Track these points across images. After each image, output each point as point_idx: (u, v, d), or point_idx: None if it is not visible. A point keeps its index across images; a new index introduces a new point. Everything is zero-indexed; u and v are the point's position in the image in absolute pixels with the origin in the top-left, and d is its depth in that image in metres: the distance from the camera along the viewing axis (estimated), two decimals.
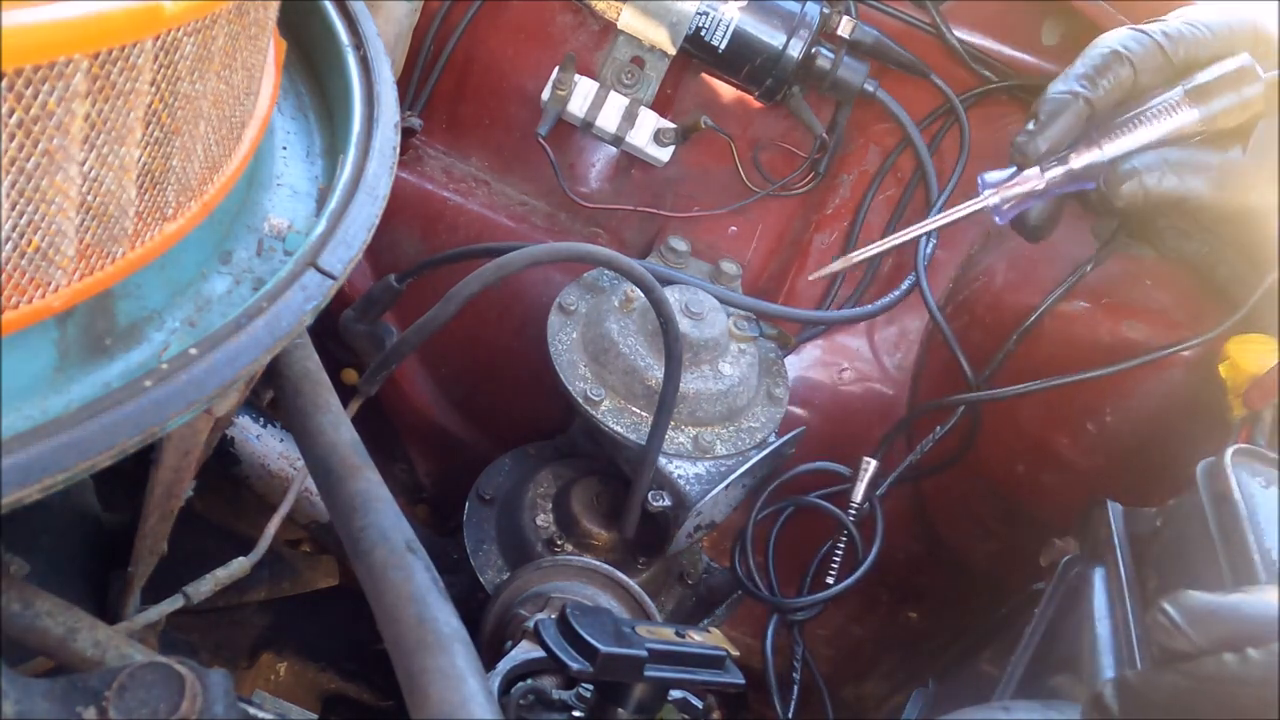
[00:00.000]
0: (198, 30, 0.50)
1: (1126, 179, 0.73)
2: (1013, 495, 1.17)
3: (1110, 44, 0.76)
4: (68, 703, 0.50)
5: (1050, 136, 0.75)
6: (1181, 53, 0.74)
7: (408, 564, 0.58)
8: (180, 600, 0.73)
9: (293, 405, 0.67)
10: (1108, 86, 0.74)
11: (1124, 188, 0.73)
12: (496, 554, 1.02)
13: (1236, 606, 0.50)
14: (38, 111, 0.43)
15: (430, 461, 1.34)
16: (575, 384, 0.98)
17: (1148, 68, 0.74)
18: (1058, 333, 1.11)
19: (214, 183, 0.58)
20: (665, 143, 1.16)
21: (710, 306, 1.00)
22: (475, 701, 0.53)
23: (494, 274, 0.82)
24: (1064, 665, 0.83)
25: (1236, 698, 0.48)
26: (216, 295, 0.60)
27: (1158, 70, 0.74)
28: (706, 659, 0.74)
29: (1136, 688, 0.52)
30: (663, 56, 1.14)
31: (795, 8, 1.10)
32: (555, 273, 1.16)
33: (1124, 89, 0.74)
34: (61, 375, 0.52)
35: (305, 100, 0.75)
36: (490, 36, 1.21)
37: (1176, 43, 0.75)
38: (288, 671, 1.08)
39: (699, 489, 0.96)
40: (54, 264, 0.48)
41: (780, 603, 1.06)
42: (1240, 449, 0.80)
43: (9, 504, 0.44)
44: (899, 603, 1.33)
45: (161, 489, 0.65)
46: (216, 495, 1.07)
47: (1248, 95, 0.71)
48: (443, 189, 1.22)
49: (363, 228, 0.63)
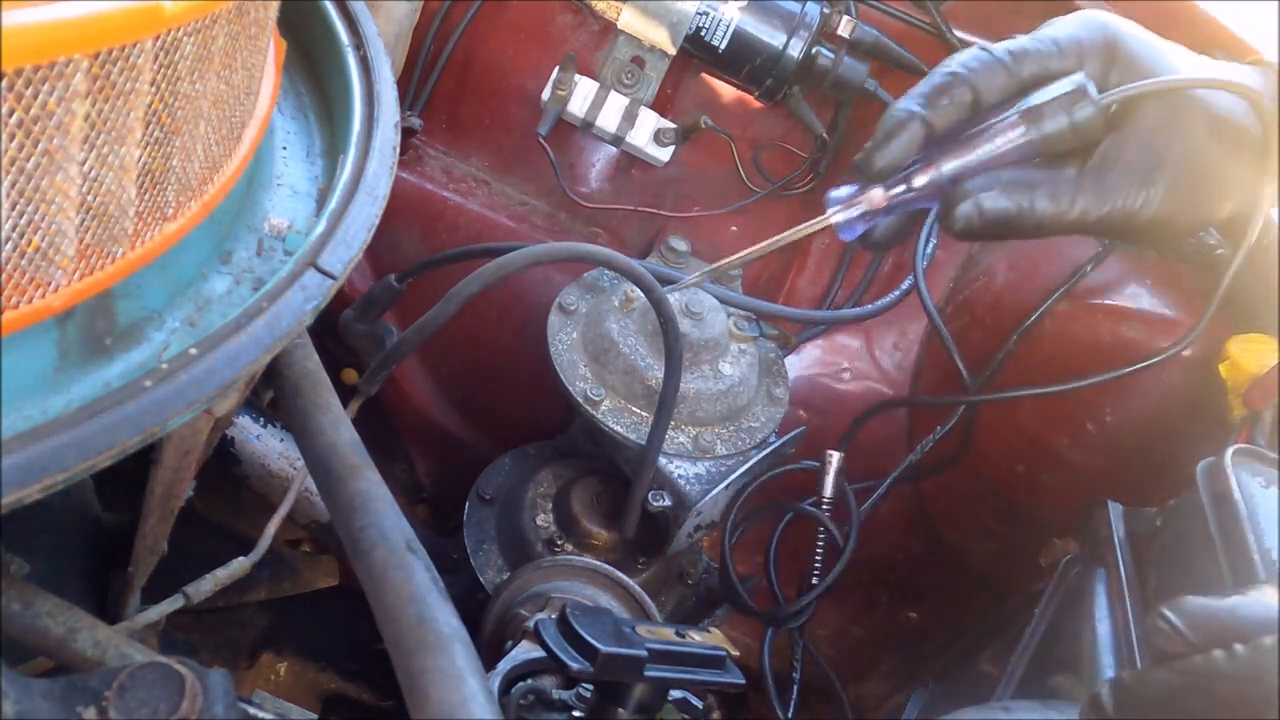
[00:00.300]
0: (198, 30, 0.50)
1: (961, 199, 0.74)
2: (1013, 495, 1.17)
3: (951, 64, 0.75)
4: (68, 703, 0.50)
5: (887, 155, 0.75)
6: (1025, 71, 0.74)
7: (408, 564, 0.58)
8: (180, 600, 0.73)
9: (293, 405, 0.67)
10: (946, 106, 0.74)
11: (958, 210, 0.74)
12: (496, 554, 1.02)
13: (1235, 609, 0.51)
14: (38, 111, 0.43)
15: (430, 461, 1.34)
16: (575, 384, 0.98)
17: (990, 87, 0.74)
18: (1058, 333, 1.11)
19: (214, 183, 0.58)
20: (665, 143, 1.16)
21: (710, 306, 1.00)
22: (475, 701, 0.53)
23: (494, 274, 0.82)
24: (1064, 665, 0.83)
25: (1224, 694, 0.48)
26: (216, 295, 0.60)
27: (1001, 89, 0.74)
28: (706, 659, 0.74)
29: (1131, 687, 0.52)
30: (663, 56, 1.14)
31: (795, 8, 1.10)
32: (555, 273, 1.16)
33: (964, 108, 0.74)
34: (61, 375, 0.52)
35: (305, 100, 0.75)
36: (490, 36, 1.21)
37: (1020, 60, 0.74)
38: (288, 671, 1.08)
39: (699, 489, 0.96)
40: (54, 264, 0.48)
41: (770, 614, 1.05)
42: (1240, 449, 0.80)
43: (9, 504, 0.44)
44: (899, 603, 1.33)
45: (161, 489, 0.65)
46: (216, 495, 1.07)
47: (1079, 118, 0.70)
48: (443, 189, 1.22)
49: (363, 228, 0.63)
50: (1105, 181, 0.72)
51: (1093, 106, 0.70)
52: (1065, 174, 0.72)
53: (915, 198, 0.75)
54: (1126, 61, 0.73)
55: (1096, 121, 0.71)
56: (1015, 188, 0.73)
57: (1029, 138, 0.72)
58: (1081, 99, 0.70)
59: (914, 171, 0.75)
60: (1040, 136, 0.71)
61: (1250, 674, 0.47)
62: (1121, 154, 0.72)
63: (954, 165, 0.74)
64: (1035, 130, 0.71)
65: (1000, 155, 0.73)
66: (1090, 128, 0.71)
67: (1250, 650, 0.48)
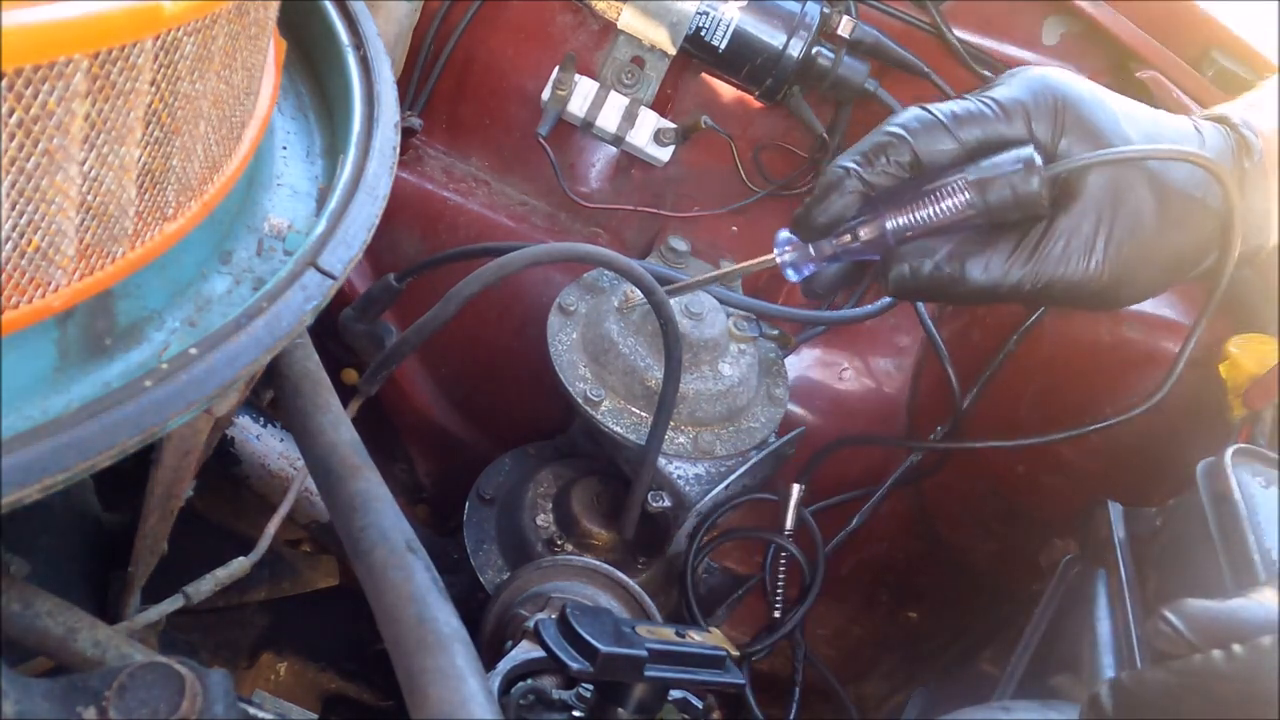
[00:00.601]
0: (198, 30, 0.50)
1: (899, 260, 0.74)
2: (1013, 495, 1.17)
3: (892, 122, 0.75)
4: (68, 703, 0.50)
5: (826, 213, 0.75)
6: (967, 134, 0.73)
7: (408, 564, 0.58)
8: (180, 600, 0.73)
9: (293, 405, 0.67)
10: (885, 165, 0.74)
11: (893, 271, 0.74)
12: (496, 554, 1.02)
13: (1236, 611, 0.51)
14: (38, 111, 0.43)
15: (430, 461, 1.34)
16: (575, 384, 0.98)
17: (931, 149, 0.73)
18: (1058, 333, 1.11)
19: (214, 183, 0.58)
20: (665, 143, 1.16)
21: (710, 307, 1.00)
22: (475, 701, 0.53)
23: (494, 274, 0.82)
24: (1064, 665, 0.83)
25: (1223, 694, 0.48)
26: (216, 295, 0.60)
27: (942, 151, 0.74)
28: (706, 659, 0.74)
29: (1131, 688, 0.52)
30: (663, 56, 1.14)
31: (795, 8, 1.10)
32: (555, 273, 1.16)
33: (903, 168, 0.74)
34: (61, 375, 0.52)
35: (305, 100, 0.75)
36: (490, 36, 1.21)
37: (962, 123, 0.73)
38: (288, 671, 1.08)
39: (699, 489, 0.96)
40: (54, 264, 0.48)
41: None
42: (1240, 449, 0.80)
43: (9, 504, 0.44)
44: (899, 603, 1.33)
45: (161, 489, 0.65)
46: (216, 495, 1.07)
47: (1023, 191, 0.70)
48: (443, 189, 1.22)
49: (363, 228, 0.63)
50: (1047, 254, 0.72)
51: (1038, 179, 0.70)
52: (1002, 246, 0.72)
53: (859, 250, 0.76)
54: (1076, 124, 0.73)
55: (1042, 194, 0.70)
56: (952, 257, 0.73)
57: (974, 206, 0.71)
58: (1029, 172, 0.70)
59: (859, 224, 0.75)
60: (985, 206, 0.71)
61: (1249, 674, 0.48)
62: (1066, 227, 0.72)
63: (897, 224, 0.74)
64: (980, 199, 0.71)
65: (945, 219, 0.73)
66: (1035, 200, 0.70)
67: (1249, 650, 0.48)
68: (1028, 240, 0.72)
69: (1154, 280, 0.74)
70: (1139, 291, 0.74)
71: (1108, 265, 0.72)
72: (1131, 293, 0.74)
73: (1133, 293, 0.74)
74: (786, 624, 1.02)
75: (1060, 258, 0.72)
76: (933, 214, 0.73)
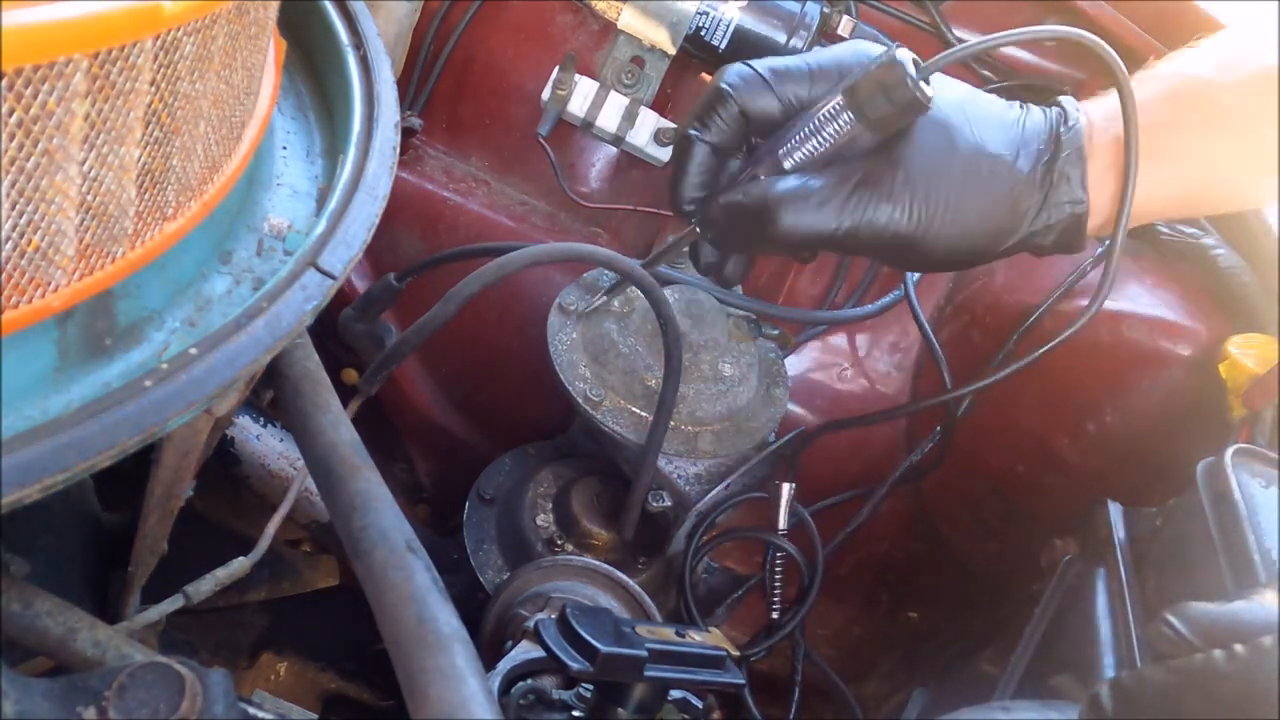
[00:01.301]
0: (198, 30, 0.50)
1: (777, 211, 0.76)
2: (1013, 495, 1.17)
3: (717, 81, 0.79)
4: (68, 703, 0.50)
5: (690, 184, 0.79)
6: (785, 90, 0.77)
7: (408, 564, 0.58)
8: (180, 600, 0.73)
9: (293, 405, 0.67)
10: (719, 124, 0.77)
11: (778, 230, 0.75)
12: (496, 554, 1.02)
13: (1237, 613, 0.51)
14: (38, 111, 0.43)
15: (430, 461, 1.34)
16: (575, 384, 0.98)
17: (754, 104, 0.77)
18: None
19: (214, 182, 0.58)
20: (665, 143, 1.16)
21: (710, 307, 1.00)
22: (475, 701, 0.53)
23: (494, 274, 0.82)
24: (1064, 665, 0.83)
25: (1224, 694, 0.48)
26: (216, 295, 0.60)
27: (765, 106, 0.77)
28: (706, 659, 0.74)
29: (1131, 687, 0.52)
30: (663, 56, 1.14)
31: (795, 8, 1.10)
32: (555, 273, 1.16)
33: (735, 120, 0.77)
34: (61, 375, 0.52)
35: (305, 100, 0.75)
36: (490, 36, 1.21)
37: (781, 79, 0.77)
38: (288, 671, 1.08)
39: (699, 489, 0.96)
40: (54, 264, 0.48)
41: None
42: (1240, 449, 0.80)
43: (9, 504, 0.44)
44: (899, 603, 1.33)
45: (161, 489, 0.65)
46: (216, 495, 1.07)
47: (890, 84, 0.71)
48: (443, 189, 1.22)
49: (363, 228, 0.63)
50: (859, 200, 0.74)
51: (907, 85, 0.71)
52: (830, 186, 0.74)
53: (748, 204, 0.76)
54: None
55: (914, 83, 0.71)
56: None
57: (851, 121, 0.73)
58: (892, 64, 0.71)
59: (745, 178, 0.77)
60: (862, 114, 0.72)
61: (1250, 674, 0.48)
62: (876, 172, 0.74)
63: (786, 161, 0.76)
64: (856, 108, 0.73)
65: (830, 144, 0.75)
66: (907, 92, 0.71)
67: (1250, 650, 0.48)
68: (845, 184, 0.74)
69: (957, 238, 0.76)
70: (941, 246, 0.76)
71: (914, 210, 0.74)
72: (934, 246, 0.76)
73: (935, 247, 0.76)
74: (786, 625, 1.02)
75: (867, 201, 0.74)
76: (817, 144, 0.75)
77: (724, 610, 1.08)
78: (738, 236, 0.79)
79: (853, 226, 0.74)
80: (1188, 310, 1.05)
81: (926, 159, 0.75)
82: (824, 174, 0.75)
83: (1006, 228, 0.77)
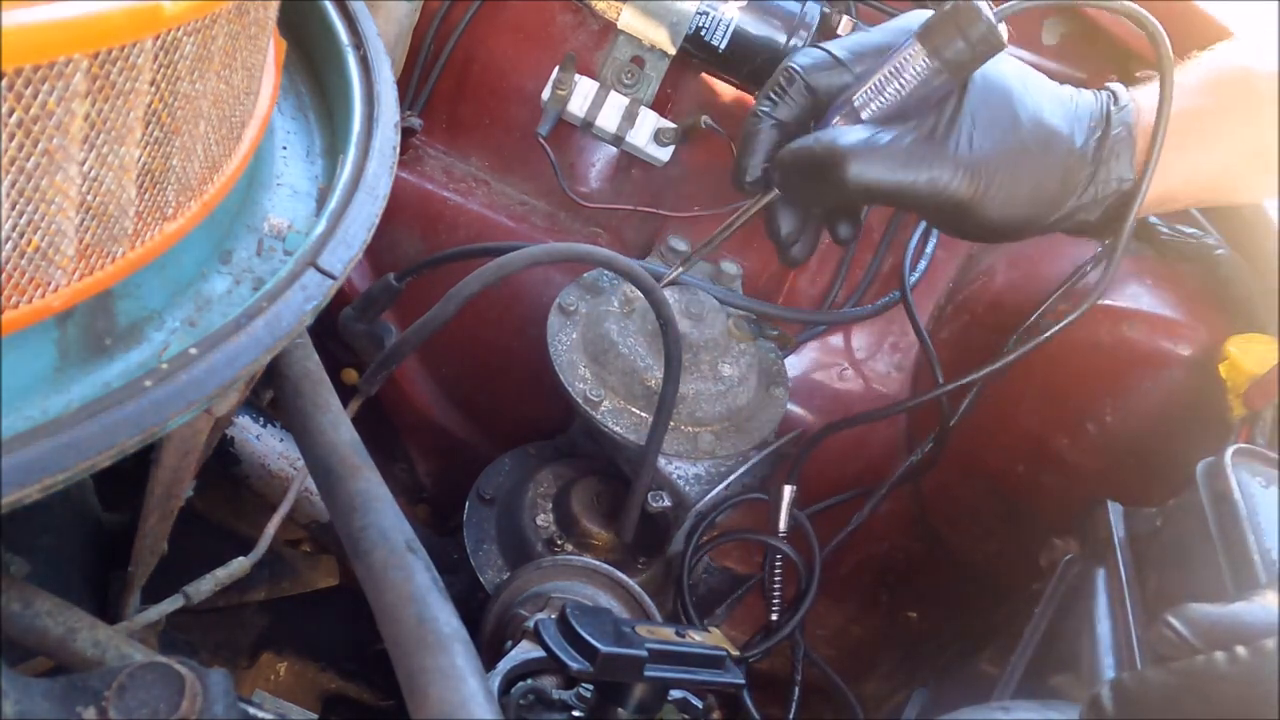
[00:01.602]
0: (198, 30, 0.50)
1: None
2: (1013, 495, 1.17)
3: (786, 64, 0.81)
4: (68, 703, 0.50)
5: (755, 163, 0.81)
6: (855, 66, 0.79)
7: (408, 564, 0.58)
8: (180, 600, 0.73)
9: (293, 405, 0.67)
10: (790, 104, 0.80)
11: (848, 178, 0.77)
12: (496, 554, 1.02)
13: (1239, 615, 0.51)
14: (38, 111, 0.43)
15: (430, 461, 1.34)
16: (575, 384, 0.98)
17: (825, 83, 0.79)
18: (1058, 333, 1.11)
19: (214, 182, 0.58)
20: (665, 143, 1.16)
21: (710, 307, 1.00)
22: (475, 701, 0.53)
23: (494, 274, 0.82)
24: (1064, 665, 0.83)
25: (1225, 695, 0.48)
26: (216, 295, 0.60)
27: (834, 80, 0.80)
28: (706, 659, 0.74)
29: (1131, 688, 0.52)
30: (663, 56, 1.14)
31: (795, 8, 1.10)
32: (555, 273, 1.16)
33: (803, 98, 0.80)
34: (61, 375, 0.52)
35: (305, 100, 0.75)
36: (490, 36, 1.21)
37: (851, 53, 0.80)
38: (288, 671, 1.08)
39: (699, 489, 0.96)
40: (54, 264, 0.48)
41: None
42: (1240, 449, 0.80)
43: (9, 504, 0.44)
44: (899, 603, 1.33)
45: (161, 489, 0.65)
46: (216, 495, 1.07)
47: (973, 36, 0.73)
48: (443, 189, 1.22)
49: (363, 228, 0.63)
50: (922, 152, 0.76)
51: (984, 25, 0.72)
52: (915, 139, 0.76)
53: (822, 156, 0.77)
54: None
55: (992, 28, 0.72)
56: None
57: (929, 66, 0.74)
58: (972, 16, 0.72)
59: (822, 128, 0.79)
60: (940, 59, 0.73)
61: (1251, 676, 0.48)
62: (942, 128, 0.76)
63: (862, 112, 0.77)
64: (933, 53, 0.74)
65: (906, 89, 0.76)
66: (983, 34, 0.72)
67: (1251, 652, 0.48)
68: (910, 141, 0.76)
69: (1010, 204, 0.77)
70: (995, 211, 0.77)
71: (974, 171, 0.75)
72: (988, 210, 0.77)
73: (989, 211, 0.77)
74: (785, 625, 1.02)
75: (932, 158, 0.75)
76: (895, 90, 0.76)
77: (723, 610, 1.08)
78: (804, 186, 0.81)
79: (913, 182, 0.75)
80: (1188, 310, 1.05)
81: (990, 122, 0.76)
82: (893, 127, 0.76)
83: (1057, 199, 0.79)
